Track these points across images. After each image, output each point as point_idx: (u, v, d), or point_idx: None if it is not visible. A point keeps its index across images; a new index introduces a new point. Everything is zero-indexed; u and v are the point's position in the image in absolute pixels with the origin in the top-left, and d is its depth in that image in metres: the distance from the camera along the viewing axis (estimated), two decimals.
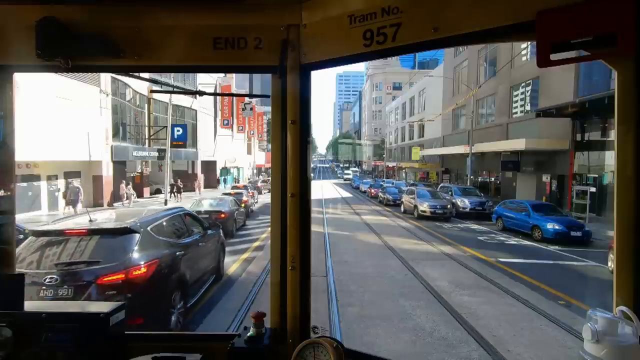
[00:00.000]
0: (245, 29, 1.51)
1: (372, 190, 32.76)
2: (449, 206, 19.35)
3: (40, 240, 4.94)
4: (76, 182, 17.32)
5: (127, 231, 5.04)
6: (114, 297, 4.46)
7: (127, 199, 20.74)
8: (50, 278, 4.44)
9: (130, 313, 4.73)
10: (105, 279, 4.53)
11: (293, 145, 1.55)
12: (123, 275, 4.61)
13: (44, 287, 4.41)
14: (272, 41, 1.51)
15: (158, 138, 25.44)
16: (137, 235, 5.05)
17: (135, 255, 4.86)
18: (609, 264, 9.98)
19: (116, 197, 20.57)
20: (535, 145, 19.79)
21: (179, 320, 5.48)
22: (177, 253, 5.71)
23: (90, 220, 5.32)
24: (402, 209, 22.04)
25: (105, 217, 5.98)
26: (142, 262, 4.85)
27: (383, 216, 20.53)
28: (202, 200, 14.62)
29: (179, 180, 26.06)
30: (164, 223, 5.95)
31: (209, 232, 7.50)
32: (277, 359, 1.50)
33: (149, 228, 5.38)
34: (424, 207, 19.12)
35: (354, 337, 5.33)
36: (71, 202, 16.32)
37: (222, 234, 8.56)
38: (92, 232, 4.96)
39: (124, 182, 21.31)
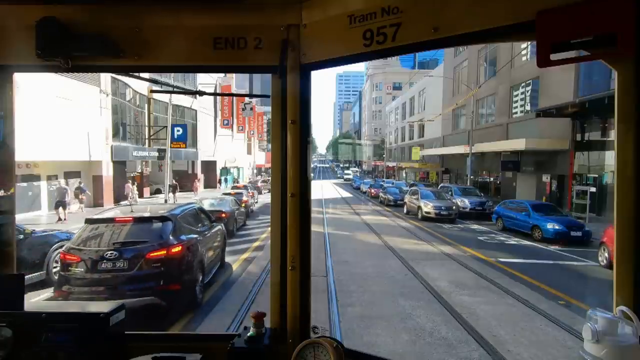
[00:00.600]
0: (245, 29, 1.51)
1: (373, 191, 32.71)
2: (453, 207, 18.83)
3: (93, 226, 6.17)
4: (63, 182, 16.48)
5: (164, 219, 6.31)
6: (158, 268, 5.72)
7: (131, 197, 20.80)
8: (111, 253, 5.64)
9: (169, 281, 5.56)
10: (152, 254, 5.76)
11: (293, 145, 1.54)
12: (165, 252, 5.83)
13: (104, 261, 5.61)
14: (272, 41, 1.50)
15: (158, 138, 25.39)
16: (171, 223, 6.28)
17: (172, 237, 6.11)
18: (600, 258, 10.03)
19: (121, 196, 20.58)
20: (535, 145, 19.77)
21: (201, 291, 6.74)
22: (198, 238, 6.96)
23: (132, 211, 6.69)
24: (405, 210, 21.63)
25: (141, 209, 7.36)
26: (177, 242, 6.08)
27: (383, 216, 20.52)
28: (203, 200, 14.62)
29: (173, 180, 25.96)
30: (186, 214, 7.20)
31: (215, 225, 8.65)
32: (277, 359, 1.50)
33: (178, 217, 6.63)
34: (428, 208, 18.54)
35: (354, 337, 5.33)
36: (61, 204, 14.97)
37: (224, 228, 9.58)
38: (137, 220, 6.27)
39: (130, 182, 21.63)
